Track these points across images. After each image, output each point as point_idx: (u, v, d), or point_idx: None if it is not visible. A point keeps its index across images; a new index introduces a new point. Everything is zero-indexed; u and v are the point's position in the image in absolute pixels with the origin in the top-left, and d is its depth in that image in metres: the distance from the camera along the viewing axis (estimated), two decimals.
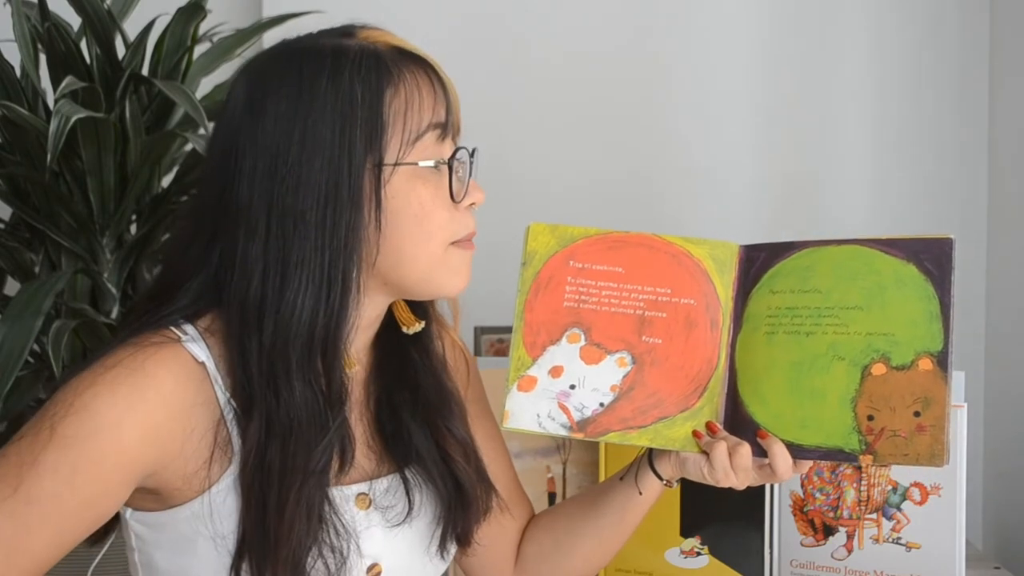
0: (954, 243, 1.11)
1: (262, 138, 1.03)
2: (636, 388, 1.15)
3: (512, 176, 2.03)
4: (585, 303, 1.16)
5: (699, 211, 2.08)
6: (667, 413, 1.15)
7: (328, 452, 1.04)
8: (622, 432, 1.14)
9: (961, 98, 2.05)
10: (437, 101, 1.07)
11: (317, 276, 1.02)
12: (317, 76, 1.03)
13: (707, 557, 1.45)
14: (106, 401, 0.98)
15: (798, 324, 1.14)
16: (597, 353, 1.15)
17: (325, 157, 1.02)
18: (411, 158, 1.05)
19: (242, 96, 1.06)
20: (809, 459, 1.13)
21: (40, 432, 0.98)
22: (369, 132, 1.03)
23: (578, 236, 1.17)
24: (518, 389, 1.15)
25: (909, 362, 1.10)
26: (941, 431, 1.07)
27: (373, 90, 1.03)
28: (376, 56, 1.05)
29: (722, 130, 2.09)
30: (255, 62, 1.09)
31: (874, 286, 1.12)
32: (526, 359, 1.15)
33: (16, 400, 1.60)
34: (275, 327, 1.02)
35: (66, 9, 1.72)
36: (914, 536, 1.39)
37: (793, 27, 2.07)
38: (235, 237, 1.03)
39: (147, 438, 0.99)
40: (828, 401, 1.11)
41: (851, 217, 2.06)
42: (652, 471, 1.20)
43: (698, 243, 1.18)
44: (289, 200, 1.02)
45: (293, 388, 1.02)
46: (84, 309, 1.69)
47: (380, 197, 1.03)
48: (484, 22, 2.08)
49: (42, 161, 1.65)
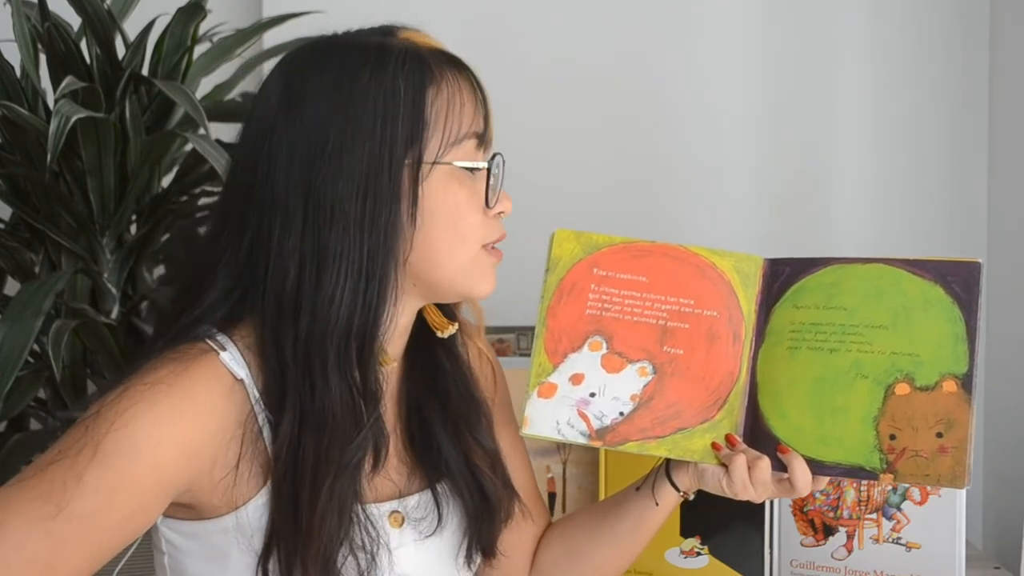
0: (982, 267, 1.11)
1: (301, 128, 1.02)
2: (656, 398, 1.14)
3: (513, 179, 2.03)
4: (608, 311, 1.15)
5: (702, 213, 2.08)
6: (687, 424, 1.14)
7: (363, 448, 1.03)
8: (641, 442, 1.14)
9: (961, 98, 2.05)
10: (477, 109, 1.07)
11: (356, 268, 1.01)
12: (360, 69, 1.03)
13: (707, 557, 1.45)
14: (146, 420, 0.97)
15: (822, 340, 1.14)
16: (618, 362, 1.15)
17: (366, 148, 1.01)
18: (450, 159, 1.05)
19: (278, 89, 1.05)
20: (829, 475, 1.12)
21: (83, 450, 0.96)
22: (411, 128, 1.02)
23: (603, 244, 1.17)
24: (538, 396, 1.14)
25: (933, 383, 1.10)
26: (963, 453, 1.07)
27: (416, 87, 1.03)
28: (419, 55, 1.05)
29: (726, 133, 2.09)
30: (291, 57, 1.08)
31: (900, 306, 1.12)
32: (547, 365, 1.15)
33: (16, 400, 1.60)
34: (312, 317, 1.00)
35: (66, 9, 1.71)
36: (914, 536, 1.39)
37: (793, 29, 2.07)
38: (270, 228, 1.02)
39: (184, 456, 0.99)
40: (850, 418, 1.11)
41: (852, 218, 2.06)
42: (669, 482, 1.19)
43: (723, 255, 1.18)
44: (328, 189, 1.00)
45: (329, 381, 1.01)
46: (84, 309, 1.69)
47: (417, 194, 1.03)
48: (485, 25, 2.08)
49: (42, 161, 1.65)
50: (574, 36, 2.09)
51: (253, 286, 1.03)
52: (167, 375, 0.99)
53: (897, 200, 2.07)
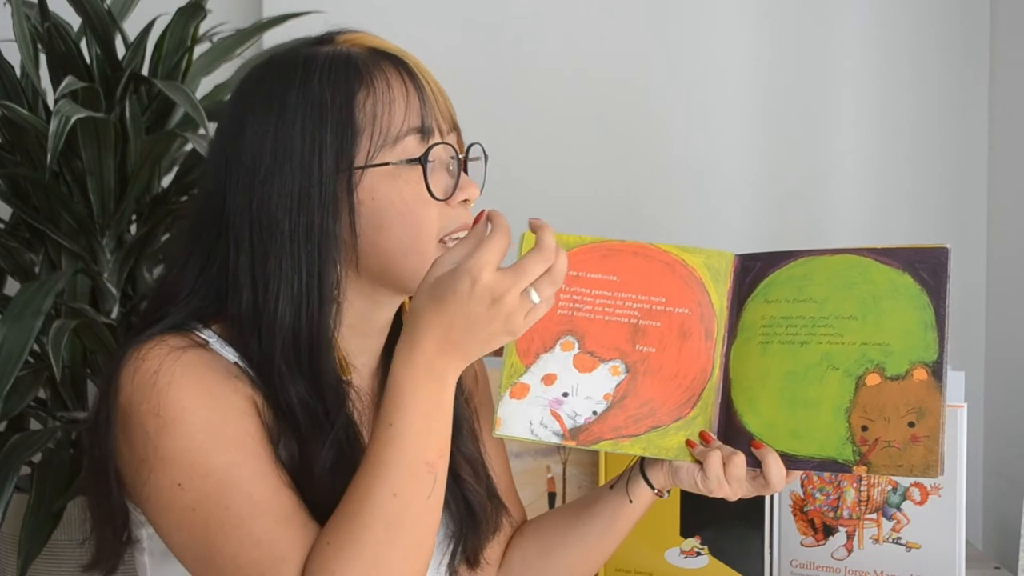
0: (950, 253, 1.10)
1: (240, 153, 1.05)
2: (629, 397, 1.14)
3: (512, 181, 2.03)
4: (579, 311, 1.15)
5: (702, 214, 2.07)
6: (660, 422, 1.14)
7: (332, 452, 1.03)
8: (615, 441, 1.13)
9: (961, 98, 2.05)
10: (411, 100, 1.06)
11: (295, 283, 1.03)
12: (288, 88, 1.05)
13: (707, 557, 1.45)
14: (184, 391, 0.99)
15: (793, 334, 1.13)
16: (591, 361, 1.14)
17: (295, 165, 1.03)
18: (388, 159, 1.05)
19: (228, 111, 1.09)
20: (802, 469, 1.12)
21: (146, 457, 0.99)
22: (340, 135, 1.04)
23: (573, 244, 1.16)
24: (511, 396, 1.13)
25: (903, 372, 1.09)
26: (935, 442, 1.07)
27: (343, 93, 1.04)
28: (347, 59, 1.06)
29: (725, 133, 2.08)
30: (243, 76, 1.11)
31: (869, 295, 1.12)
32: (519, 366, 1.14)
33: (16, 400, 1.60)
34: (262, 336, 1.03)
35: (66, 9, 1.72)
36: (914, 536, 1.39)
37: (793, 29, 2.07)
38: (226, 251, 1.05)
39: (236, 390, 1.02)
40: (822, 411, 1.11)
41: (851, 218, 2.06)
42: (644, 480, 1.20)
43: (693, 252, 1.17)
44: (265, 212, 1.03)
45: (289, 392, 1.03)
46: (84, 309, 1.69)
47: (353, 199, 1.04)
48: (484, 27, 2.08)
49: (42, 161, 1.65)
50: (573, 36, 2.09)
51: (219, 311, 1.06)
52: (167, 357, 1.00)
53: (897, 200, 2.07)
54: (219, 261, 1.06)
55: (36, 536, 1.54)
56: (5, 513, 1.54)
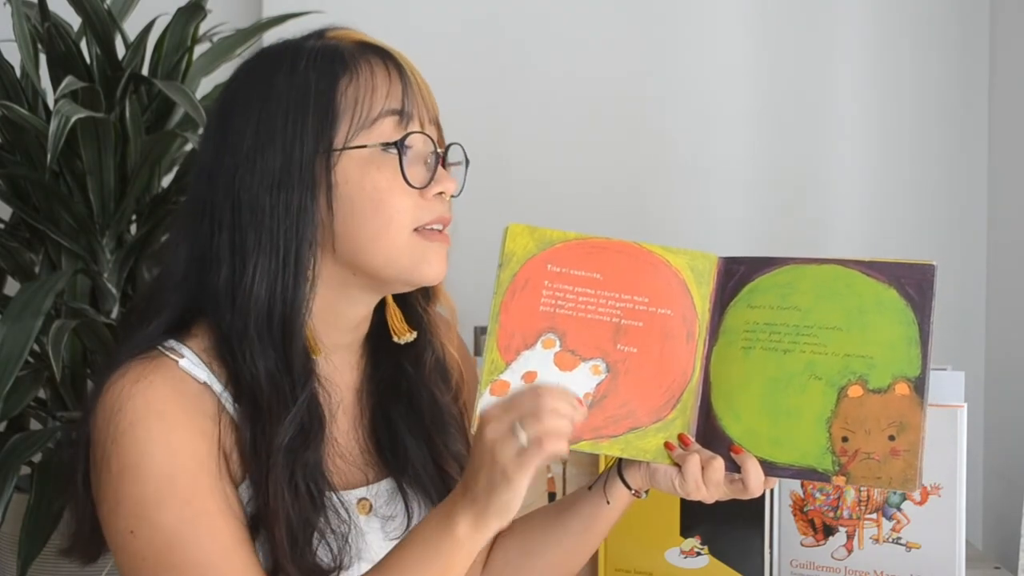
0: (936, 270, 1.10)
1: (227, 135, 1.07)
2: (609, 397, 1.13)
3: (511, 178, 2.03)
4: (561, 308, 1.13)
5: (701, 215, 2.07)
6: (639, 424, 1.13)
7: (293, 427, 1.04)
8: (594, 441, 1.12)
9: (961, 99, 2.05)
10: (392, 87, 1.08)
11: (271, 259, 1.05)
12: (276, 74, 1.07)
13: (707, 557, 1.45)
14: (142, 433, 1.00)
15: (776, 341, 1.13)
16: (571, 360, 1.13)
17: (277, 145, 1.05)
18: (366, 141, 1.06)
19: (218, 99, 1.11)
20: (781, 477, 1.12)
21: (106, 497, 1.01)
22: (321, 118, 1.06)
23: (557, 240, 1.14)
24: (490, 393, 1.11)
25: (886, 386, 1.09)
26: (915, 456, 1.07)
27: (327, 79, 1.06)
28: (335, 49, 1.09)
29: (721, 133, 2.08)
30: (232, 76, 1.13)
31: (854, 308, 1.12)
32: (499, 363, 1.12)
33: (16, 400, 1.60)
34: (236, 310, 1.05)
35: (66, 9, 1.72)
36: (914, 536, 1.39)
37: (792, 29, 2.07)
38: (207, 235, 1.07)
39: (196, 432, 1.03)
40: (803, 420, 1.11)
41: (851, 219, 2.06)
42: (622, 481, 1.19)
43: (677, 253, 1.16)
44: (246, 190, 1.06)
45: (257, 366, 1.04)
46: (84, 309, 1.69)
47: (331, 180, 1.06)
48: (483, 27, 2.08)
49: (42, 161, 1.65)
50: (572, 37, 2.09)
51: (201, 291, 1.08)
52: (128, 389, 1.02)
53: (896, 200, 2.06)
54: (202, 240, 1.08)
55: (36, 536, 1.54)
56: (5, 513, 1.54)
